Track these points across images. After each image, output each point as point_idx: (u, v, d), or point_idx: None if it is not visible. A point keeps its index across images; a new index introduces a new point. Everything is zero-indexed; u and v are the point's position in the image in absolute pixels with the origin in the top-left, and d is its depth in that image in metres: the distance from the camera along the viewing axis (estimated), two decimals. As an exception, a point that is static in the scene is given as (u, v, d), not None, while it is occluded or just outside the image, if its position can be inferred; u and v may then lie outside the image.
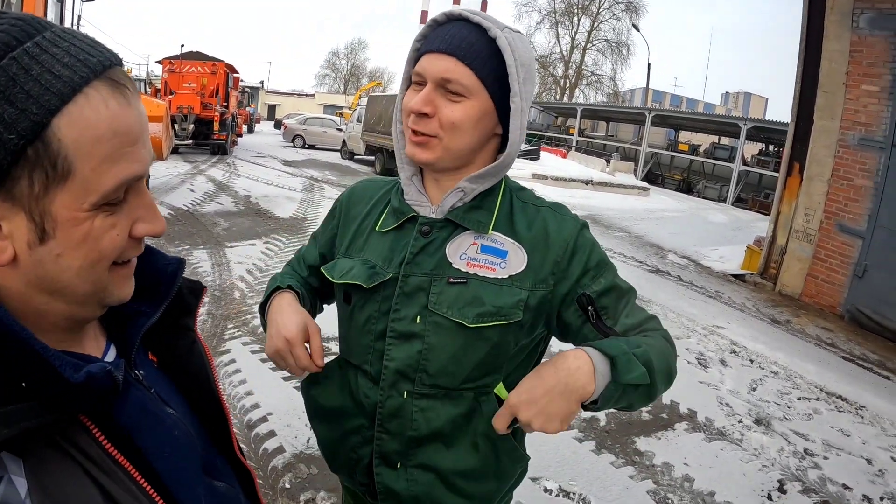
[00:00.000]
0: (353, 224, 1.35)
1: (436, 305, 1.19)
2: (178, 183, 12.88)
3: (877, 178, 7.71)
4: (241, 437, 3.58)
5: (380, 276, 1.23)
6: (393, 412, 1.24)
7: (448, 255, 1.21)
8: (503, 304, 1.17)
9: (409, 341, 1.21)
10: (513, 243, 1.21)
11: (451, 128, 1.13)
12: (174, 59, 19.41)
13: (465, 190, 1.21)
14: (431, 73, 1.12)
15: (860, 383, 5.87)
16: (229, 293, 6.05)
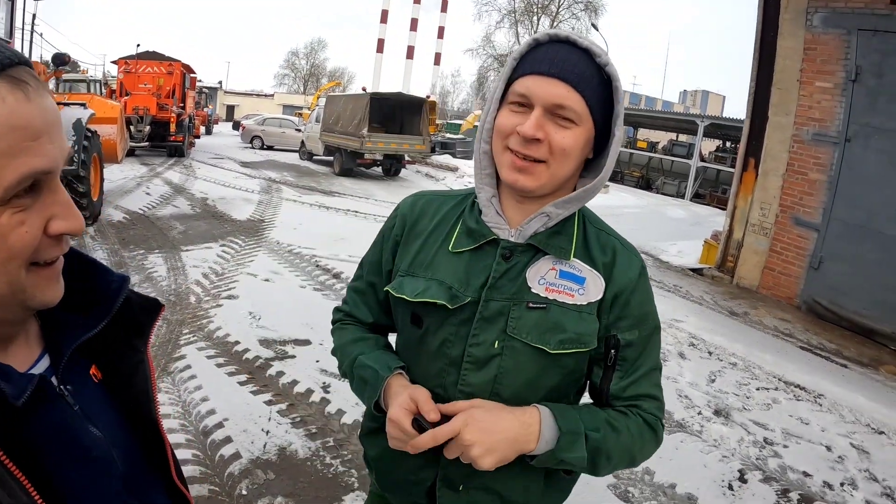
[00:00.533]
0: (417, 240, 1.29)
1: (515, 330, 1.17)
2: (133, 186, 12.68)
3: (831, 172, 7.90)
4: (197, 444, 3.51)
5: (459, 298, 1.19)
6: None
7: (528, 280, 1.18)
8: (583, 330, 1.17)
9: (486, 367, 1.18)
10: (591, 270, 1.20)
11: (561, 154, 1.10)
12: (130, 60, 19.07)
13: (550, 215, 1.19)
14: (542, 97, 1.08)
15: (818, 372, 6.00)
16: (185, 298, 5.95)
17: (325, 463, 3.49)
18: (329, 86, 43.33)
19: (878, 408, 5.27)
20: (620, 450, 1.18)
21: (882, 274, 7.30)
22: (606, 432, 1.16)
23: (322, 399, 4.23)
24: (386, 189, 17.06)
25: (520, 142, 1.09)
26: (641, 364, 1.24)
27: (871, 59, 7.41)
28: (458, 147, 25.06)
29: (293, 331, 5.41)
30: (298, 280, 6.95)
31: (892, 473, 4.20)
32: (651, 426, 1.24)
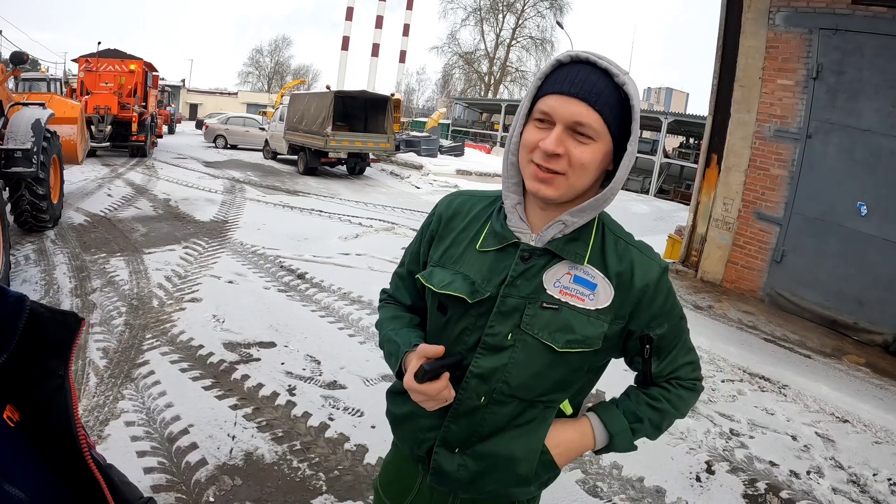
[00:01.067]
0: (450, 235, 1.43)
1: (528, 326, 1.29)
2: (94, 188, 12.38)
3: (792, 167, 8.03)
4: (163, 451, 3.43)
5: (480, 293, 1.32)
6: (467, 412, 1.36)
7: (544, 282, 1.30)
8: (589, 334, 1.29)
9: (498, 354, 1.32)
10: (603, 278, 1.30)
11: (579, 168, 1.20)
12: (91, 58, 18.49)
13: (565, 223, 1.29)
14: (563, 115, 1.18)
15: (782, 363, 6.10)
16: (147, 302, 5.82)
17: (292, 467, 3.43)
18: (293, 84, 42.91)
19: (841, 396, 5.37)
20: (665, 420, 1.45)
21: (842, 266, 7.46)
22: (648, 415, 1.41)
23: (288, 402, 4.16)
24: (350, 188, 16.96)
25: (542, 156, 1.20)
26: (674, 347, 1.41)
27: (831, 58, 7.55)
28: (423, 145, 24.99)
29: (257, 333, 5.33)
30: (262, 281, 6.85)
31: (858, 460, 4.28)
32: (690, 390, 1.46)
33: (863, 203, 7.26)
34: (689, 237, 9.67)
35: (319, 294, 6.57)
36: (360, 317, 5.98)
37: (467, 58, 59.09)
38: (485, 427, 1.37)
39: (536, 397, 1.35)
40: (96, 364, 4.40)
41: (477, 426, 1.37)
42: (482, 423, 1.36)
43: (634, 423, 1.41)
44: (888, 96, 7.04)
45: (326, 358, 4.96)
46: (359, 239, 9.75)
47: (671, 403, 1.43)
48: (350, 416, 4.08)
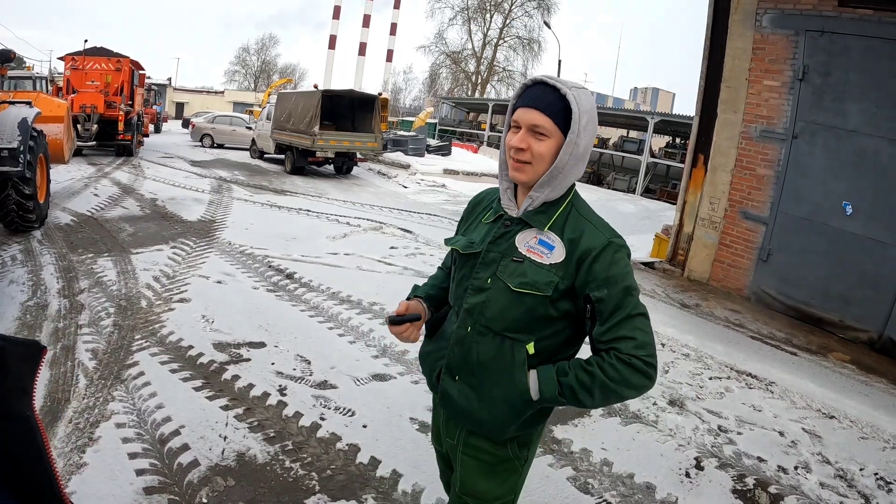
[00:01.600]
0: (472, 215, 1.97)
1: (501, 273, 1.73)
2: (81, 187, 12.26)
3: (778, 167, 8.11)
4: (154, 453, 3.41)
5: (472, 248, 1.81)
6: (459, 340, 1.81)
7: (516, 242, 1.74)
8: (538, 279, 1.67)
9: (479, 294, 1.77)
10: (560, 242, 1.70)
11: (539, 157, 1.66)
12: (77, 56, 18.32)
13: (532, 198, 1.73)
14: (525, 121, 1.66)
15: (768, 360, 6.15)
16: (136, 302, 5.78)
17: (284, 467, 3.43)
18: (280, 83, 42.73)
19: (827, 393, 5.43)
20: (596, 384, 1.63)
21: (828, 265, 7.54)
22: (577, 374, 1.65)
23: (279, 402, 4.15)
24: (338, 187, 16.93)
25: (515, 151, 1.68)
26: (615, 314, 1.65)
27: (817, 59, 7.63)
28: (411, 144, 24.98)
29: (247, 333, 5.31)
30: (251, 281, 6.82)
31: (844, 456, 4.33)
32: (627, 363, 1.63)
33: (848, 203, 7.34)
34: (675, 236, 9.74)
35: (308, 294, 6.56)
36: (350, 316, 5.97)
37: (454, 57, 59.09)
38: (472, 355, 1.78)
39: (503, 330, 1.74)
40: (86, 366, 4.37)
41: (467, 353, 1.79)
42: (469, 352, 1.79)
43: (562, 377, 1.67)
44: (874, 98, 7.12)
45: (317, 358, 4.95)
46: (347, 238, 9.73)
47: (603, 370, 1.62)
48: (341, 415, 4.08)
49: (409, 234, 10.67)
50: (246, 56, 74.94)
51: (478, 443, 1.86)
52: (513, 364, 1.73)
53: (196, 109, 45.86)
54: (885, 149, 7.04)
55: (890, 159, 7.00)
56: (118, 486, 3.08)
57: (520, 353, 1.73)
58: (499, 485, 1.88)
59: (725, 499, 3.65)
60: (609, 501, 3.47)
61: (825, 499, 3.76)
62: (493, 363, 1.76)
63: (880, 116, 7.07)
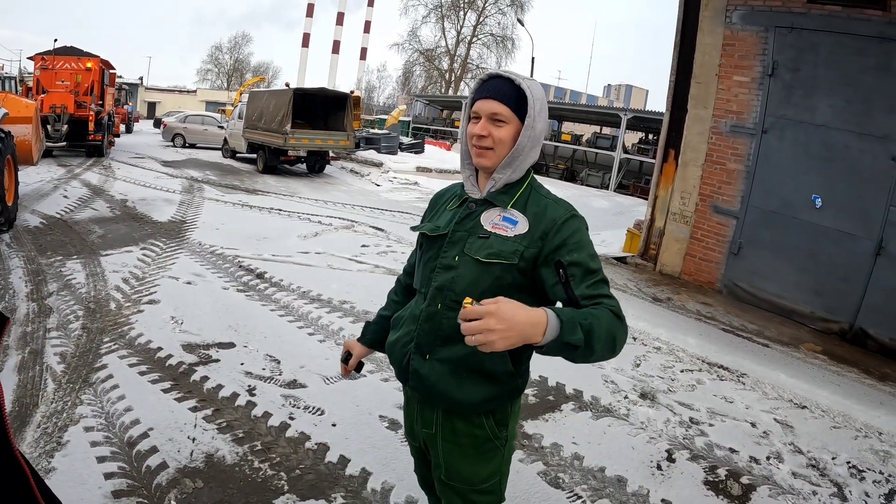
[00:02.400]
0: (436, 207, 2.06)
1: (468, 249, 1.80)
2: (50, 189, 12.00)
3: (748, 162, 8.18)
4: (123, 456, 3.33)
5: (438, 230, 1.90)
6: (429, 316, 1.85)
7: (481, 220, 1.83)
8: (504, 249, 1.74)
9: (448, 271, 1.83)
10: (522, 217, 1.79)
11: (499, 142, 1.78)
12: (47, 56, 18.00)
13: (495, 179, 1.83)
14: (484, 110, 1.78)
15: (740, 352, 6.20)
16: (104, 304, 5.66)
17: (253, 468, 3.37)
18: (253, 81, 42.38)
19: (799, 384, 5.49)
20: (605, 332, 1.53)
21: (798, 257, 7.63)
22: (593, 320, 1.52)
23: (248, 402, 4.08)
24: (310, 186, 16.81)
25: (476, 139, 1.80)
26: (591, 275, 1.68)
27: (787, 55, 7.72)
28: (384, 142, 24.89)
29: (216, 334, 5.23)
30: (221, 281, 6.72)
31: (816, 445, 4.37)
32: (617, 315, 1.62)
33: (817, 196, 7.43)
34: (647, 231, 9.80)
35: (279, 293, 6.48)
36: (320, 315, 5.91)
37: (428, 55, 59.06)
38: (443, 330, 1.82)
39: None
40: (54, 370, 4.26)
41: (437, 329, 1.84)
42: (440, 327, 1.83)
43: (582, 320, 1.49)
44: (842, 93, 7.21)
45: (286, 357, 4.89)
46: (318, 237, 9.65)
47: (597, 318, 1.54)
48: (311, 414, 4.03)
49: (381, 232, 10.61)
50: (219, 54, 74.20)
51: (456, 426, 1.88)
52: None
53: (168, 109, 45.33)
54: (853, 143, 7.13)
55: (859, 153, 7.10)
56: (87, 491, 3.01)
57: None
58: (483, 466, 1.91)
59: (697, 490, 3.66)
60: (580, 495, 3.46)
61: (798, 488, 3.78)
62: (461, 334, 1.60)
63: (849, 111, 7.17)
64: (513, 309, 1.41)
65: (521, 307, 1.43)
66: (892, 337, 6.76)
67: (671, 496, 3.55)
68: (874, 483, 3.97)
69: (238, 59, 74.16)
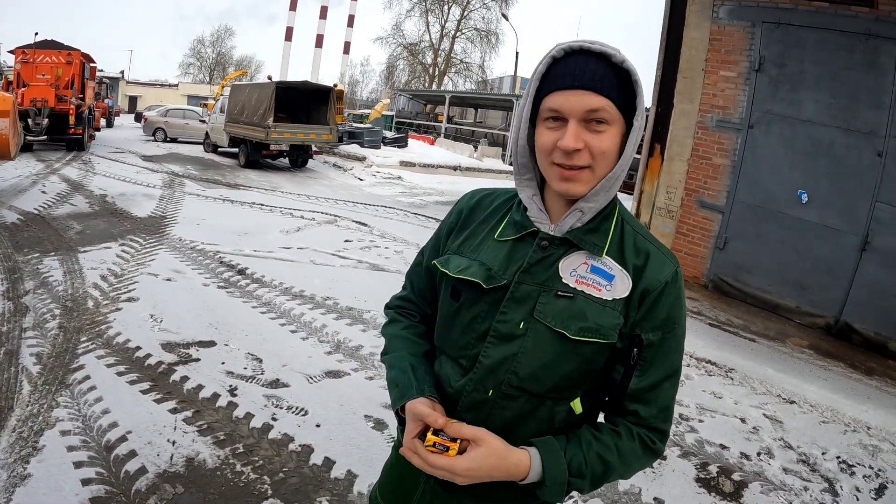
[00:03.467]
0: (470, 226, 1.42)
1: (540, 314, 1.24)
2: (28, 184, 11.77)
3: (734, 156, 8.17)
4: (100, 461, 3.23)
5: (495, 279, 1.28)
6: (474, 405, 1.29)
7: (560, 271, 1.26)
8: (604, 323, 1.22)
9: (508, 343, 1.26)
10: (620, 269, 1.26)
11: (601, 157, 1.18)
12: (27, 49, 17.92)
13: (583, 210, 1.26)
14: (574, 109, 1.16)
15: (727, 347, 6.19)
16: (82, 303, 5.53)
17: (235, 471, 3.28)
18: (235, 75, 42.00)
19: (787, 378, 5.48)
20: (607, 477, 1.27)
21: (783, 252, 7.63)
22: (592, 471, 1.24)
23: (229, 403, 3.98)
24: (293, 180, 16.67)
25: (563, 155, 1.18)
26: (658, 368, 1.28)
27: (773, 50, 7.71)
28: (366, 136, 24.77)
29: (197, 332, 5.12)
30: (201, 278, 6.61)
31: (806, 440, 4.35)
32: (650, 448, 1.29)
33: (803, 191, 7.42)
34: (633, 226, 9.76)
35: (260, 290, 6.38)
36: (303, 312, 5.82)
37: (412, 49, 58.92)
38: (493, 424, 1.27)
39: (546, 392, 1.27)
40: (29, 371, 4.14)
41: (484, 423, 1.27)
42: (490, 419, 1.28)
43: (574, 478, 1.24)
44: (828, 88, 7.21)
45: (268, 356, 4.80)
46: (301, 232, 9.55)
47: (621, 457, 1.27)
48: (294, 415, 3.94)
49: (364, 227, 10.52)
50: (201, 48, 73.51)
51: None
52: (551, 429, 1.31)
53: (149, 103, 44.86)
54: (839, 138, 7.13)
55: (844, 148, 7.10)
56: (63, 498, 2.91)
57: (560, 413, 1.31)
58: None
59: (689, 488, 3.62)
60: (572, 495, 3.40)
61: (789, 484, 3.75)
62: (520, 427, 1.30)
63: (835, 107, 7.16)
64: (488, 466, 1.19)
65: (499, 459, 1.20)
66: (878, 331, 6.78)
67: (663, 494, 3.51)
68: (864, 478, 3.96)
69: (220, 53, 73.58)
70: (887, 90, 6.72)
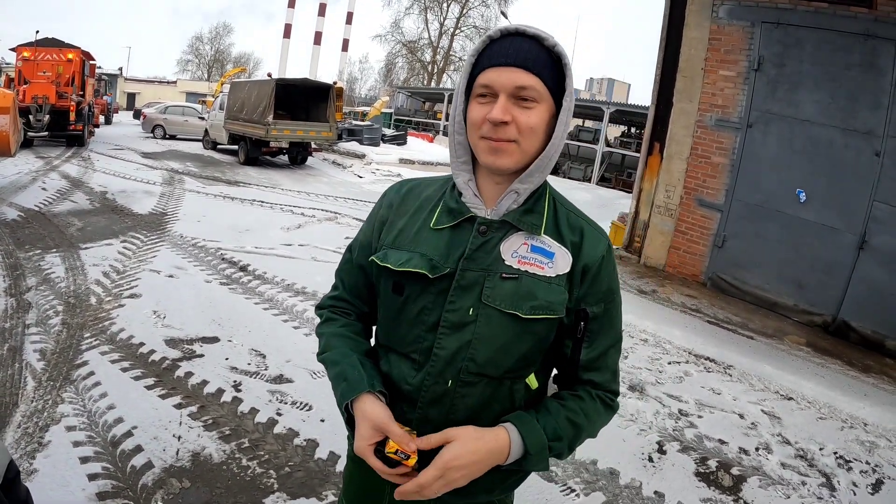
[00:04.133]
0: (402, 218, 1.41)
1: (489, 298, 1.28)
2: (28, 181, 11.75)
3: (733, 155, 8.22)
4: (107, 456, 3.26)
5: (439, 269, 1.30)
6: (436, 398, 1.31)
7: (502, 253, 1.30)
8: (553, 299, 1.28)
9: (461, 331, 1.29)
10: (559, 247, 1.32)
11: (528, 132, 1.23)
12: (29, 47, 18.16)
13: (518, 191, 1.31)
14: (504, 84, 1.21)
15: (726, 344, 6.23)
16: (85, 299, 5.55)
17: (241, 466, 3.31)
18: (234, 72, 41.94)
19: (785, 375, 5.53)
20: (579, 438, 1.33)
21: (781, 250, 7.68)
22: (566, 433, 1.30)
23: (234, 398, 4.02)
24: (292, 178, 16.67)
25: (491, 128, 1.23)
26: (605, 336, 1.36)
27: (772, 50, 7.76)
28: (366, 134, 24.77)
29: (200, 328, 5.15)
30: (203, 275, 6.64)
31: (804, 436, 4.40)
32: (609, 406, 1.38)
33: (801, 190, 7.47)
34: (631, 223, 9.83)
35: (262, 286, 6.41)
36: (305, 308, 5.85)
37: (411, 46, 58.91)
38: (458, 413, 1.31)
39: (504, 374, 1.31)
40: (34, 367, 4.17)
41: (449, 413, 1.31)
42: (453, 408, 1.31)
43: (553, 442, 1.29)
44: (827, 88, 7.27)
45: (272, 351, 4.83)
46: (301, 229, 9.59)
47: (588, 418, 1.34)
48: (298, 410, 3.97)
49: (366, 225, 10.50)
50: (199, 45, 73.34)
51: None
52: (513, 408, 1.35)
53: (148, 100, 44.74)
54: (837, 138, 7.18)
55: (843, 148, 7.15)
56: (70, 493, 2.93)
57: (519, 392, 1.36)
58: None
59: (689, 482, 3.66)
60: (573, 488, 3.45)
61: (787, 479, 3.80)
62: (485, 412, 1.33)
63: (833, 107, 7.21)
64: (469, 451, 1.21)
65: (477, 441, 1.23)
66: (875, 329, 6.83)
67: (663, 488, 3.56)
68: (861, 473, 4.01)
69: (219, 50, 73.40)
70: (886, 90, 6.77)
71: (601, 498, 3.41)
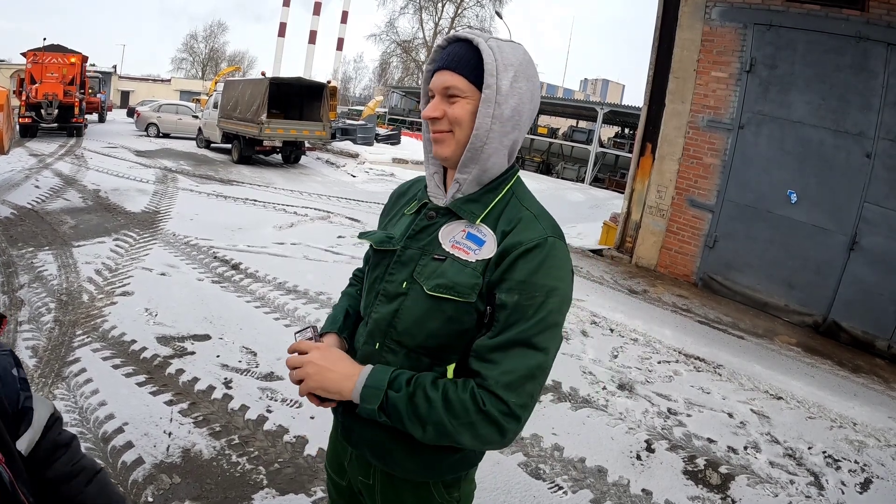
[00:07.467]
0: (396, 206, 1.63)
1: (418, 275, 1.40)
2: (21, 179, 11.72)
3: (724, 156, 8.26)
4: (97, 451, 3.28)
5: (387, 244, 1.49)
6: (366, 356, 1.45)
7: (440, 237, 1.42)
8: (459, 280, 1.34)
9: (392, 301, 1.43)
10: (492, 235, 1.38)
11: (456, 122, 1.37)
12: (38, 52, 21.29)
13: (459, 181, 1.42)
14: (437, 86, 1.40)
15: (716, 344, 6.26)
16: (77, 297, 5.55)
17: (231, 462, 3.32)
18: (228, 70, 41.83)
19: (774, 375, 5.56)
20: (433, 421, 1.28)
21: (772, 251, 7.72)
22: (414, 396, 1.30)
23: (224, 395, 4.02)
24: (286, 177, 16.65)
25: (429, 123, 1.42)
26: (512, 331, 1.28)
27: (764, 52, 7.80)
28: (359, 133, 24.74)
29: (191, 326, 5.15)
30: (196, 273, 6.63)
31: (793, 435, 4.43)
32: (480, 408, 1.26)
33: (793, 191, 7.51)
34: (623, 224, 9.85)
35: (254, 284, 6.41)
36: (296, 306, 5.86)
37: (405, 46, 58.75)
38: None
39: (418, 346, 1.39)
40: (26, 364, 4.16)
41: None
42: None
43: (392, 391, 1.30)
44: (818, 89, 7.31)
45: (262, 349, 4.83)
46: (294, 228, 9.58)
47: (447, 402, 1.27)
48: (288, 407, 3.99)
49: (357, 223, 10.55)
50: (194, 43, 72.99)
51: (399, 485, 1.50)
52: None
53: (142, 98, 44.56)
54: (828, 139, 7.23)
55: (834, 149, 7.19)
56: (57, 488, 2.93)
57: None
58: None
59: (677, 480, 3.68)
60: (561, 486, 3.46)
61: (775, 477, 3.83)
62: None
63: (825, 108, 7.26)
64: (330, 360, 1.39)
65: (341, 359, 1.40)
66: (865, 330, 6.87)
67: (651, 486, 3.57)
68: (850, 472, 4.04)
69: (213, 49, 73.11)
70: (876, 92, 6.81)
71: (589, 496, 3.43)
